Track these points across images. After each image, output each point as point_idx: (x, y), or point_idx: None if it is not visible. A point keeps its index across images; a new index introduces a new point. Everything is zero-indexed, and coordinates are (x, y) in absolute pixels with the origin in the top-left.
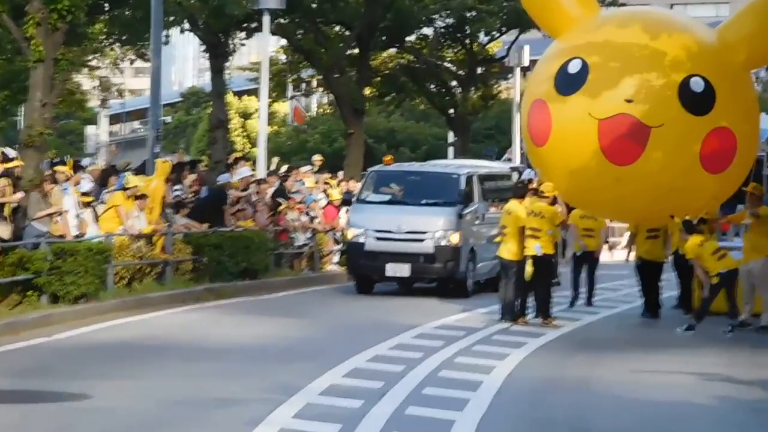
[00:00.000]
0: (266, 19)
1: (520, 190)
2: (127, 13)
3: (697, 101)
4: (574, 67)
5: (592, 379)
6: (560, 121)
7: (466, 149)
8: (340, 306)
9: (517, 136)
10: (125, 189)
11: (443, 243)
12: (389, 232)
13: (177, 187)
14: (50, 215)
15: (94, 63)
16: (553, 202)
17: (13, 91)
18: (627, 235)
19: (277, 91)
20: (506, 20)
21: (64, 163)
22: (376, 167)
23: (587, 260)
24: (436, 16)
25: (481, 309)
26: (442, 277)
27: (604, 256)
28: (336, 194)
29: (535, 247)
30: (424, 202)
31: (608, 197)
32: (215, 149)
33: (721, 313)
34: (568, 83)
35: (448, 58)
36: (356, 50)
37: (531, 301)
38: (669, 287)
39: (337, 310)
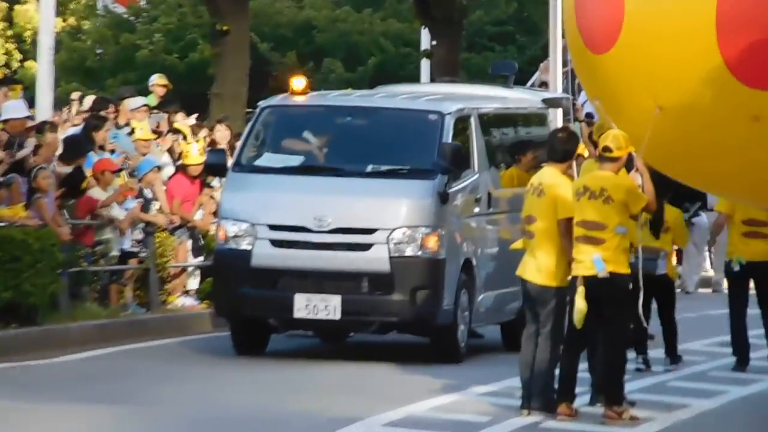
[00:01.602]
0: None
1: (564, 146)
2: None
3: None
4: None
5: None
6: (641, 5)
7: (456, 63)
8: (200, 382)
9: (558, 39)
10: None
11: (409, 252)
12: (301, 230)
13: None
14: None
15: None
16: (628, 166)
17: None
18: None
19: None
20: None
21: None
22: (275, 99)
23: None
24: None
25: (482, 386)
26: (405, 322)
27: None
28: (194, 153)
29: (593, 261)
30: (371, 169)
31: (735, 154)
32: None
33: None
34: None
35: None
36: None
37: (583, 370)
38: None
39: (193, 389)
